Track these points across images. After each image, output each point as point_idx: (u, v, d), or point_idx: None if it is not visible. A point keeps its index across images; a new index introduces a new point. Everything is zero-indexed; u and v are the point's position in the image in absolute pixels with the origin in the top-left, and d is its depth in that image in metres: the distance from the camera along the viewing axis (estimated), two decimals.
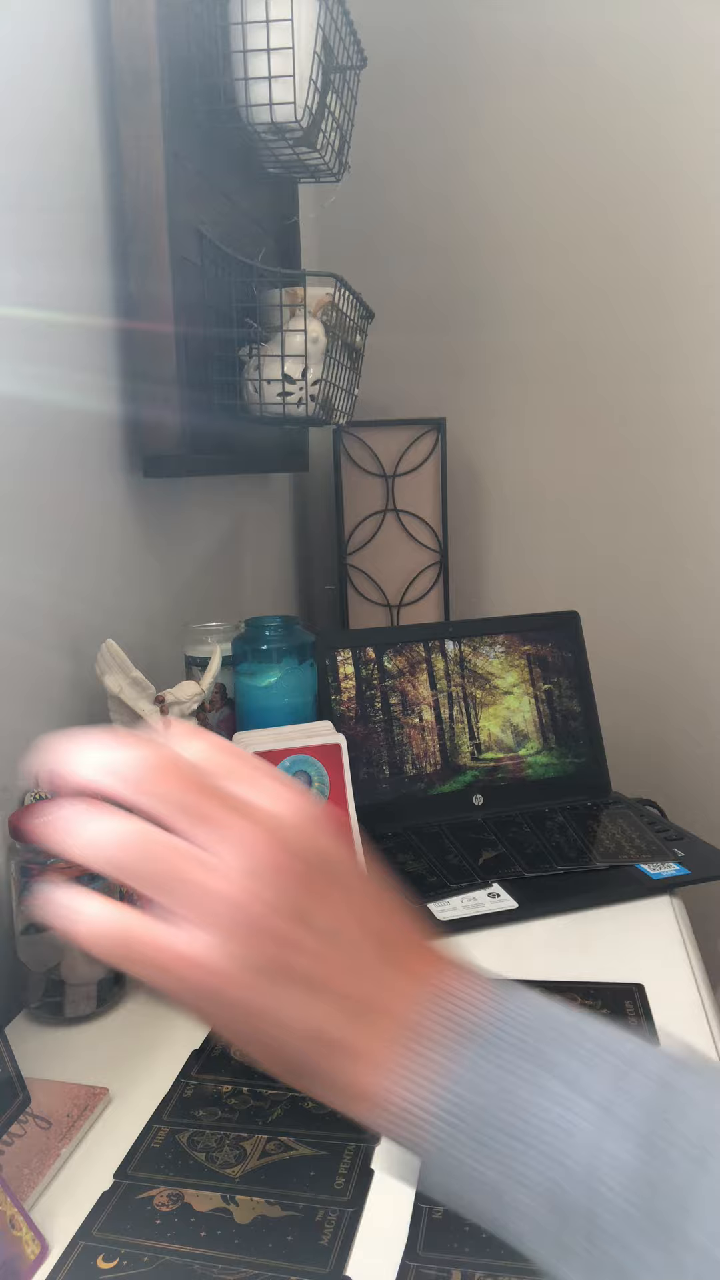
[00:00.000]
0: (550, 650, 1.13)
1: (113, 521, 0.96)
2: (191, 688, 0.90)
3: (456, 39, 1.46)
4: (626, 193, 1.44)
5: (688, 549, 1.52)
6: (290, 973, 0.34)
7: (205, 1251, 0.49)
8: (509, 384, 1.54)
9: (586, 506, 1.55)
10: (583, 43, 1.42)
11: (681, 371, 1.47)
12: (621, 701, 1.50)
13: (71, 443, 0.88)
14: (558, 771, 1.10)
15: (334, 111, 1.07)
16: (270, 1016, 0.34)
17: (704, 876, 0.91)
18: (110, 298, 0.93)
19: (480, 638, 1.11)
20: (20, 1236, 0.49)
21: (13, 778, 0.79)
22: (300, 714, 1.00)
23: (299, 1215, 0.51)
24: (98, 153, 0.91)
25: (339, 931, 0.35)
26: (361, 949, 0.36)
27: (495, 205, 1.49)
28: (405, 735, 1.06)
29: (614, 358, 1.50)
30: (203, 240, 0.99)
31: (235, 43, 0.98)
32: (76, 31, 0.87)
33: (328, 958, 0.35)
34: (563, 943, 0.80)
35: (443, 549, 1.47)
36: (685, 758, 1.57)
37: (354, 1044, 0.35)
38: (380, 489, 1.47)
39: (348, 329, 1.12)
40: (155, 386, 0.93)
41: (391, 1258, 0.49)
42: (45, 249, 0.84)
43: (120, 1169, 0.56)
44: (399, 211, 1.52)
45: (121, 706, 0.86)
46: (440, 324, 1.54)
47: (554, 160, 1.46)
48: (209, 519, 1.20)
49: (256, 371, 1.04)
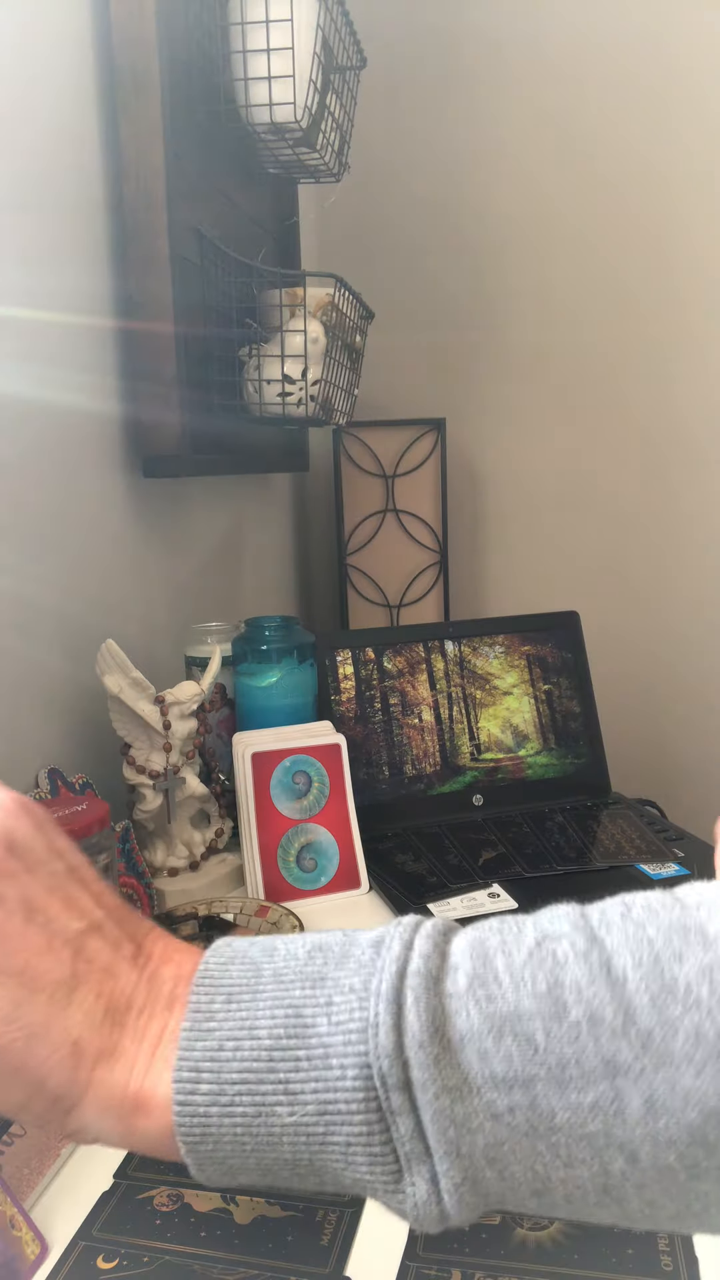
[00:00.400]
0: (550, 650, 1.13)
1: (113, 521, 0.96)
2: (191, 688, 0.90)
3: (456, 39, 1.46)
4: (627, 192, 1.44)
5: (688, 549, 1.52)
6: None
7: (205, 1252, 0.49)
8: (509, 384, 1.54)
9: (586, 507, 1.55)
10: (583, 42, 1.42)
11: (682, 371, 1.47)
12: (621, 701, 1.50)
13: (72, 443, 0.88)
14: (557, 772, 1.10)
15: (334, 112, 1.07)
16: None
17: (704, 877, 0.91)
18: (110, 298, 0.93)
19: (480, 638, 1.11)
20: (20, 1236, 0.49)
21: (13, 778, 0.79)
22: (300, 714, 1.00)
23: (299, 1215, 0.51)
24: (98, 153, 0.91)
25: (37, 910, 0.34)
26: (62, 924, 0.35)
27: (495, 205, 1.49)
28: (405, 735, 1.06)
29: (614, 357, 1.50)
30: (203, 240, 0.99)
31: (235, 43, 0.98)
32: (76, 31, 0.87)
33: (25, 937, 0.34)
34: None
35: (442, 549, 1.47)
36: (685, 758, 1.57)
37: (102, 1044, 0.33)
38: (380, 489, 1.47)
39: (348, 329, 1.12)
40: (155, 386, 0.93)
41: (391, 1258, 0.49)
42: (45, 249, 0.84)
43: (120, 1169, 0.56)
44: (399, 211, 1.52)
45: (121, 706, 0.86)
46: (440, 324, 1.54)
47: (554, 160, 1.46)
48: (209, 519, 1.20)
49: (256, 371, 1.04)
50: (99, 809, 0.72)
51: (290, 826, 0.91)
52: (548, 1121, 0.30)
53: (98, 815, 0.71)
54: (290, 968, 0.34)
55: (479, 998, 0.31)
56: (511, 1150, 0.30)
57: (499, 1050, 0.30)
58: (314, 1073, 0.31)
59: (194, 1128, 0.32)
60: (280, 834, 0.91)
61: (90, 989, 0.33)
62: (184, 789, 0.90)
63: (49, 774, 0.82)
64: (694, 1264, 0.48)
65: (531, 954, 0.32)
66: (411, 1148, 0.31)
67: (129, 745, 0.88)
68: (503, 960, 0.32)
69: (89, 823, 0.70)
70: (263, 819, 0.90)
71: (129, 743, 0.88)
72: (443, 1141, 0.30)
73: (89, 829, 0.70)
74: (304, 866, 0.91)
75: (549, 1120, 0.30)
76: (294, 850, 0.91)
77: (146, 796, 0.89)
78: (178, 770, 0.90)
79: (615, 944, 0.32)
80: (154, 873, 0.90)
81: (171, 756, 0.89)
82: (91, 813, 0.71)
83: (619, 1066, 0.30)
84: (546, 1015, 0.31)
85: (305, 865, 0.91)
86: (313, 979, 0.33)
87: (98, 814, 0.71)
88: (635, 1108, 0.29)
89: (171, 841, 0.92)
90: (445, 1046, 0.31)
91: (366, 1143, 0.31)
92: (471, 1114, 0.30)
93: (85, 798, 0.78)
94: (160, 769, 0.88)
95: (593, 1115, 0.30)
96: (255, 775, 0.91)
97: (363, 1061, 0.31)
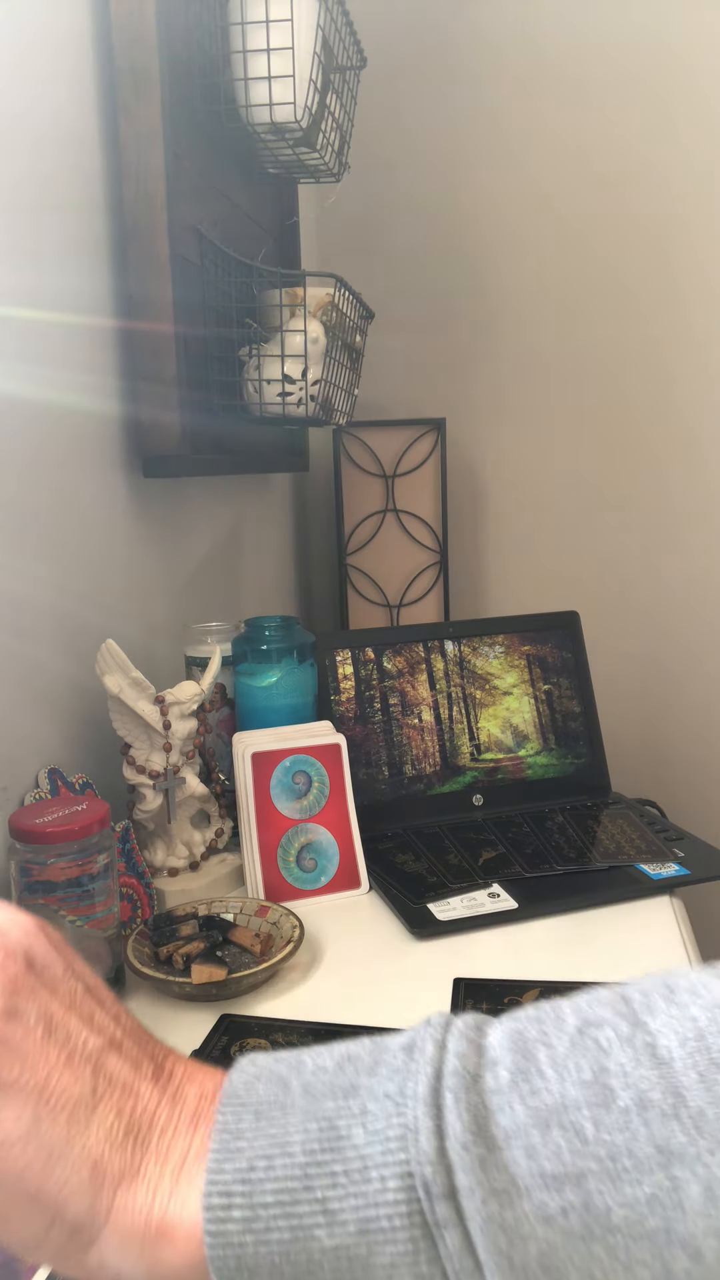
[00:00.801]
0: (550, 650, 1.13)
1: (113, 521, 0.96)
2: (191, 688, 0.90)
3: (456, 39, 1.46)
4: (627, 192, 1.45)
5: (687, 549, 1.52)
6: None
7: None
8: (509, 384, 1.54)
9: (586, 506, 1.55)
10: (583, 41, 1.42)
11: (682, 371, 1.47)
12: (621, 701, 1.50)
13: (72, 443, 0.88)
14: (557, 772, 1.10)
15: (334, 111, 1.07)
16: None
17: (704, 876, 0.91)
18: (110, 298, 0.93)
19: (480, 638, 1.11)
20: None
21: (13, 778, 0.79)
22: (300, 714, 1.00)
23: None
24: (98, 153, 0.91)
25: (56, 1026, 0.33)
26: (82, 1039, 0.33)
27: (495, 205, 1.49)
28: (405, 736, 1.06)
29: (614, 357, 1.50)
30: (203, 240, 0.99)
31: (235, 43, 0.98)
32: (76, 31, 0.87)
33: (45, 1052, 0.32)
34: (563, 943, 0.80)
35: (442, 549, 1.47)
36: (685, 758, 1.57)
37: (124, 1165, 0.31)
38: (380, 489, 1.47)
39: (348, 329, 1.12)
40: (155, 386, 0.93)
41: None
42: (45, 249, 0.84)
43: None
44: (399, 211, 1.52)
45: (121, 706, 0.86)
46: (440, 324, 1.54)
47: (554, 160, 1.46)
48: (209, 519, 1.20)
49: (256, 371, 1.04)
50: (99, 809, 0.72)
51: (290, 826, 0.91)
52: (603, 1221, 0.28)
53: (98, 815, 0.71)
54: (320, 1080, 0.32)
55: (523, 1092, 0.30)
56: (568, 1257, 0.28)
57: (547, 1144, 0.29)
58: (353, 1188, 0.29)
59: (228, 1259, 0.29)
60: (280, 834, 0.91)
61: (111, 1106, 0.32)
62: (184, 789, 0.90)
63: (49, 774, 0.82)
64: None
65: (574, 1043, 0.31)
66: (461, 1264, 0.29)
67: (129, 745, 0.88)
68: (545, 1052, 0.31)
69: (89, 823, 0.70)
70: (263, 819, 0.90)
71: (129, 743, 0.88)
72: (494, 1253, 0.28)
73: (89, 829, 0.70)
74: (304, 866, 0.91)
75: (605, 1220, 0.28)
76: (294, 850, 0.91)
77: (146, 796, 0.89)
78: (178, 770, 0.90)
79: (659, 1026, 0.31)
80: (154, 873, 0.90)
81: (171, 756, 0.89)
82: (91, 813, 0.72)
83: (674, 1152, 0.28)
84: (593, 1103, 0.29)
85: (305, 865, 0.91)
86: (345, 1089, 0.31)
87: (98, 814, 0.72)
88: (695, 1197, 0.28)
89: (171, 841, 0.92)
90: (490, 1146, 0.29)
91: (412, 1262, 0.29)
92: (522, 1219, 0.28)
93: (85, 798, 0.78)
94: (160, 769, 0.88)
95: (651, 1210, 0.28)
96: (255, 775, 0.91)
97: (404, 1171, 0.29)
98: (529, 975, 0.75)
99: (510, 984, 0.74)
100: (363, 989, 0.75)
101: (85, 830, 0.70)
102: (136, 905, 0.84)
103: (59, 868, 0.70)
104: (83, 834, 0.70)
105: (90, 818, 0.71)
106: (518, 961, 0.77)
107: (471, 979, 0.75)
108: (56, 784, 0.82)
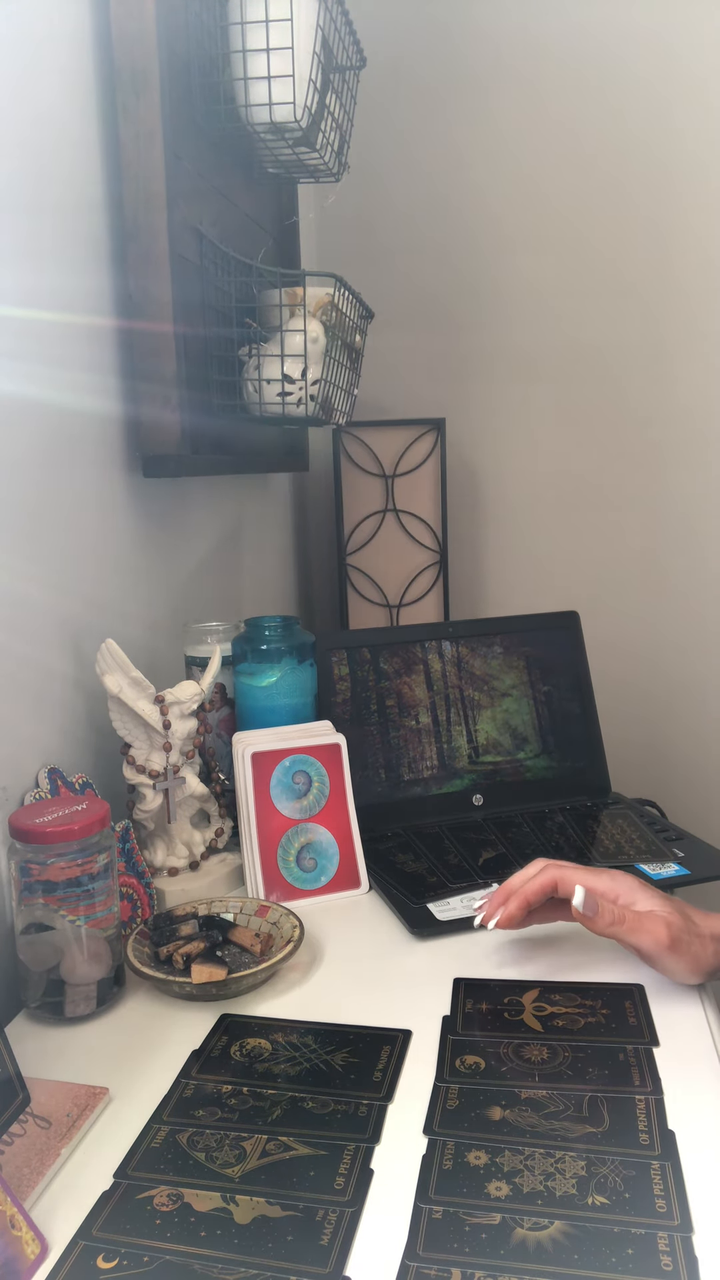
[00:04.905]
0: (549, 651, 1.13)
1: (113, 521, 0.96)
2: (191, 688, 0.90)
3: (456, 39, 1.46)
4: (627, 191, 1.45)
5: (687, 549, 1.52)
6: None
7: (205, 1251, 0.49)
8: (509, 384, 1.54)
9: (586, 507, 1.55)
10: (583, 41, 1.42)
11: (682, 371, 1.47)
12: (621, 702, 1.50)
13: (72, 443, 0.88)
14: (557, 774, 1.10)
15: (333, 111, 1.07)
16: None
17: (704, 876, 0.91)
18: (110, 298, 0.93)
19: (480, 638, 1.11)
20: (20, 1236, 0.49)
21: (13, 778, 0.79)
22: (300, 714, 1.00)
23: (299, 1215, 0.51)
24: (97, 153, 0.91)
25: None
26: None
27: (495, 205, 1.49)
28: (403, 736, 1.06)
29: (614, 357, 1.50)
30: (202, 240, 0.99)
31: (235, 43, 0.98)
32: (76, 31, 0.87)
33: None
34: (563, 943, 0.80)
35: (442, 549, 1.47)
36: (685, 758, 1.57)
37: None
38: (380, 489, 1.47)
39: (347, 329, 1.12)
40: (155, 386, 0.93)
41: (391, 1258, 0.49)
42: (45, 249, 0.84)
43: (120, 1169, 0.56)
44: (399, 211, 1.52)
45: (121, 706, 0.86)
46: (440, 324, 1.54)
47: (554, 160, 1.46)
48: (209, 519, 1.20)
49: (256, 371, 1.04)
50: (99, 809, 0.72)
51: (290, 826, 0.91)
52: None
53: (98, 815, 0.71)
54: None
55: None
56: None
57: None
58: None
59: None
60: (280, 834, 0.91)
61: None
62: (184, 789, 0.90)
63: (49, 774, 0.82)
64: (694, 1264, 0.48)
65: None
66: None
67: (129, 745, 0.88)
68: None
69: (89, 823, 0.70)
70: (263, 819, 0.90)
71: (129, 742, 0.88)
72: None
73: (89, 829, 0.70)
74: (304, 866, 0.91)
75: None
76: (294, 850, 0.91)
77: (146, 796, 0.89)
78: (178, 770, 0.90)
79: None
80: (154, 872, 0.90)
81: (171, 756, 0.89)
82: (91, 813, 0.72)
83: None
84: None
85: (305, 865, 0.91)
86: None
87: (98, 814, 0.72)
88: None
89: (171, 841, 0.92)
90: None
91: None
92: None
93: (85, 798, 0.78)
94: (160, 769, 0.88)
95: None
96: (255, 775, 0.91)
97: None
98: (529, 975, 0.75)
99: (510, 984, 0.74)
100: (363, 989, 0.75)
101: (85, 830, 0.70)
102: (136, 905, 0.84)
103: (59, 868, 0.70)
104: (83, 834, 0.70)
105: (90, 817, 0.71)
106: (518, 961, 0.77)
107: (471, 979, 0.75)
108: (56, 784, 0.82)
